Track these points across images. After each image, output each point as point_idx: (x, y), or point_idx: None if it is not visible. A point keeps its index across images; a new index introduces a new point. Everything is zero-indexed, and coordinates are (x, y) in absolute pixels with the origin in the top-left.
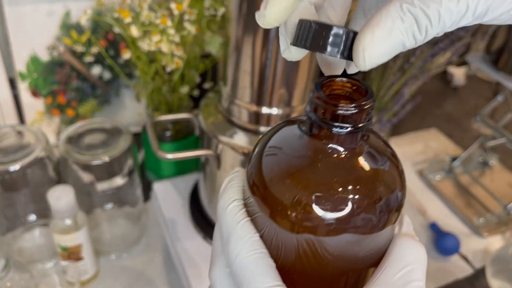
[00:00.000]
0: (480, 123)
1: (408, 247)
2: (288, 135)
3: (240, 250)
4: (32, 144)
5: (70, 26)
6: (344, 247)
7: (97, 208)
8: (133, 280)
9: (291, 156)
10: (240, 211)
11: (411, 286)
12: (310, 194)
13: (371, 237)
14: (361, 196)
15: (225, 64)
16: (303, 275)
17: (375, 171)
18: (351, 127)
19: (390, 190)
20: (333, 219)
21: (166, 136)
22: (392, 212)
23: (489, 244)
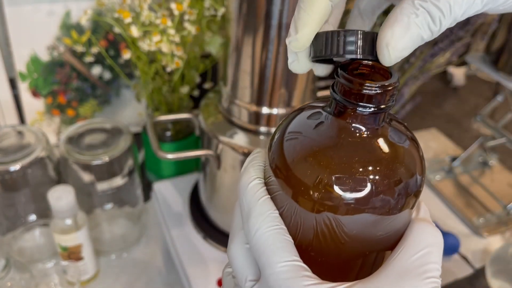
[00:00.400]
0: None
1: (425, 231)
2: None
3: (260, 225)
4: (32, 144)
5: (70, 26)
6: (361, 228)
7: (97, 208)
8: (133, 280)
9: (311, 139)
10: (261, 189)
11: (428, 268)
12: (331, 174)
13: (389, 218)
14: (381, 177)
15: (225, 64)
16: (320, 254)
17: (395, 154)
18: (374, 107)
19: (410, 174)
20: (352, 199)
21: (166, 136)
22: (410, 196)
23: (489, 244)
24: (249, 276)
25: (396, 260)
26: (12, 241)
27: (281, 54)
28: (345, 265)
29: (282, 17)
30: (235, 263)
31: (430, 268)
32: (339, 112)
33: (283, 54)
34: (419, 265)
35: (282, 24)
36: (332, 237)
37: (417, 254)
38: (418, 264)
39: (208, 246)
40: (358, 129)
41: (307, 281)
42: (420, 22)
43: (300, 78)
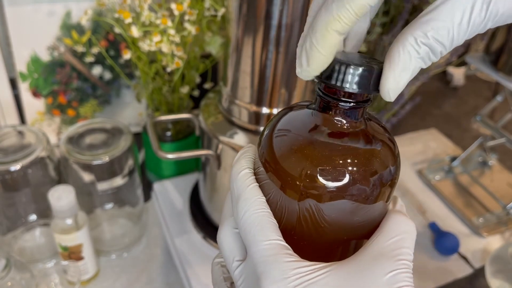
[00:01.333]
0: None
1: (399, 220)
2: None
3: (248, 208)
4: (33, 144)
5: (71, 27)
6: (340, 214)
7: (98, 208)
8: (134, 280)
9: (298, 134)
10: (251, 177)
11: (400, 251)
12: (315, 166)
13: (365, 207)
14: (358, 168)
15: (225, 65)
16: (302, 238)
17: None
18: (354, 102)
19: (384, 166)
20: (333, 187)
21: (167, 136)
22: (385, 186)
23: (489, 244)
24: (236, 257)
25: (371, 245)
26: (12, 241)
27: (281, 54)
28: (325, 250)
29: (282, 18)
30: (224, 246)
31: (403, 252)
32: (323, 107)
33: (283, 54)
34: (393, 249)
35: (282, 24)
36: (313, 222)
37: (391, 240)
38: (392, 248)
39: (208, 246)
40: (340, 122)
41: (289, 258)
42: (421, 58)
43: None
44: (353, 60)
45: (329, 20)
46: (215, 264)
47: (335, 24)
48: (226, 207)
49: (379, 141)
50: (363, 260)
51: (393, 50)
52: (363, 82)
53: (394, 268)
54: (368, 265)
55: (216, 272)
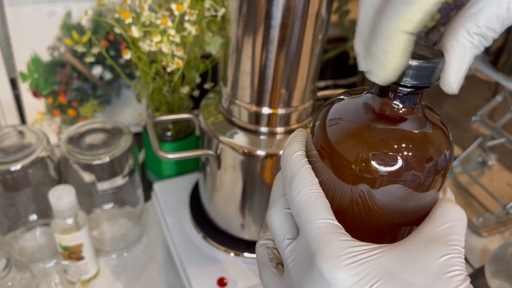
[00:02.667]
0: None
1: (451, 208)
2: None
3: (303, 187)
4: (33, 144)
5: (71, 27)
6: (392, 199)
7: (98, 208)
8: (134, 280)
9: (351, 121)
10: (304, 159)
11: (452, 237)
12: (369, 150)
13: (417, 194)
14: (412, 153)
15: (225, 65)
16: (354, 221)
17: (427, 134)
18: (413, 88)
19: (439, 153)
20: (386, 172)
21: (167, 136)
22: (438, 174)
23: (488, 243)
24: (287, 235)
25: (423, 230)
26: (13, 240)
27: (281, 54)
28: (375, 233)
29: (282, 18)
30: (274, 225)
31: (455, 238)
32: (382, 91)
33: (283, 54)
34: (444, 235)
35: (282, 24)
36: (365, 206)
37: (443, 226)
38: (443, 234)
39: (208, 246)
40: (397, 106)
41: (343, 237)
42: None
43: (300, 78)
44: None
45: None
46: (260, 245)
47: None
48: (276, 188)
49: (435, 128)
50: (415, 244)
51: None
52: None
53: (447, 252)
54: (421, 249)
55: (262, 253)
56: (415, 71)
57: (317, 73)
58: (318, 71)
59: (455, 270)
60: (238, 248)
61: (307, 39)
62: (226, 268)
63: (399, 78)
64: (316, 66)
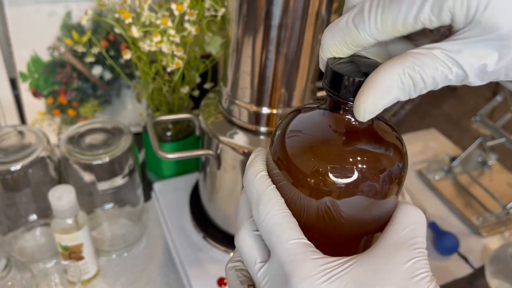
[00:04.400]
0: (479, 123)
1: (410, 211)
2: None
3: (270, 209)
4: (33, 144)
5: (71, 27)
6: (355, 210)
7: (98, 207)
8: (134, 280)
9: (308, 134)
10: (268, 179)
11: (415, 240)
12: (325, 164)
13: (377, 202)
14: (367, 165)
15: (225, 65)
16: (322, 236)
17: (380, 145)
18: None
19: (392, 163)
20: (343, 184)
21: (167, 136)
22: (393, 183)
23: (488, 243)
24: (258, 258)
25: (388, 236)
26: (13, 240)
27: (281, 54)
28: (344, 245)
29: (282, 18)
30: (244, 249)
31: (417, 241)
32: (333, 106)
33: (283, 54)
34: (408, 239)
35: (282, 24)
36: (331, 219)
37: (405, 230)
38: (407, 238)
39: (208, 246)
40: (349, 121)
41: (314, 255)
42: (402, 89)
43: (300, 78)
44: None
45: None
46: (230, 268)
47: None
48: (241, 210)
49: (387, 139)
50: (382, 251)
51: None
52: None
53: (412, 256)
54: (388, 255)
55: (232, 277)
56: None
57: (317, 73)
58: (318, 71)
59: (422, 273)
60: None
61: (307, 39)
62: None
63: (342, 93)
64: (316, 66)
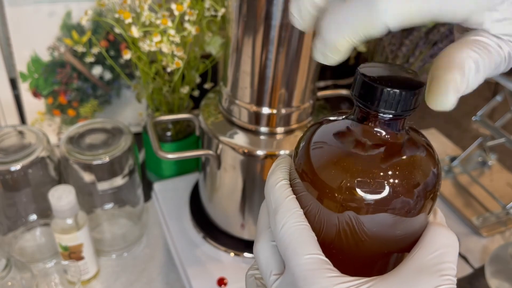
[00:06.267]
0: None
1: (441, 233)
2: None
3: (287, 220)
4: (33, 144)
5: (71, 27)
6: (380, 227)
7: (98, 207)
8: (134, 280)
9: (335, 146)
10: (288, 188)
11: (443, 266)
12: (353, 178)
13: (406, 219)
14: (399, 180)
15: (225, 65)
16: (341, 252)
17: (414, 158)
18: (394, 112)
19: (426, 177)
20: (372, 200)
21: (167, 136)
22: (427, 199)
23: (488, 243)
24: (273, 270)
25: (413, 259)
26: (13, 240)
27: (281, 54)
28: (364, 263)
29: (282, 18)
30: (261, 259)
31: (446, 267)
32: (362, 118)
33: (283, 54)
34: (435, 264)
35: (282, 24)
36: (353, 236)
37: (433, 254)
38: (434, 262)
39: (208, 246)
40: (379, 133)
41: (330, 273)
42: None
43: (300, 78)
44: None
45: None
46: (249, 276)
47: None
48: (262, 219)
49: (421, 152)
50: (405, 275)
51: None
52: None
53: (438, 284)
54: (412, 280)
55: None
56: (395, 99)
57: (317, 73)
58: (318, 71)
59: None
60: (238, 248)
61: (307, 39)
62: (226, 268)
63: (379, 106)
64: (316, 66)
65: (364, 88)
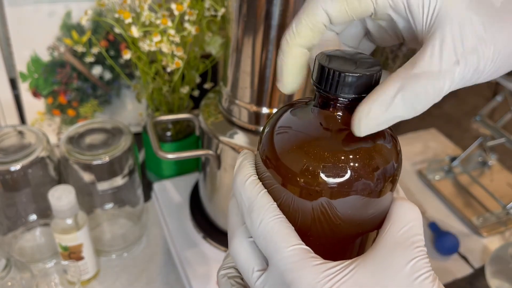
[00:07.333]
0: (479, 123)
1: (406, 208)
2: (292, 116)
3: (264, 216)
4: (33, 144)
5: (71, 27)
6: (351, 209)
7: (98, 208)
8: (134, 280)
9: (298, 131)
10: (258, 183)
11: (414, 239)
12: (317, 162)
13: (373, 201)
14: (360, 164)
15: (225, 65)
16: (319, 238)
17: (374, 142)
18: (353, 96)
19: (386, 161)
20: (336, 183)
21: (167, 136)
22: (387, 181)
23: (489, 243)
24: (255, 267)
25: (386, 236)
26: (12, 240)
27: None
28: (341, 247)
29: (282, 18)
30: (240, 258)
31: (416, 239)
32: (323, 103)
33: None
34: (407, 238)
35: (282, 24)
36: (327, 221)
37: (403, 229)
38: (406, 236)
39: (208, 246)
40: (340, 118)
41: (315, 261)
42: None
43: None
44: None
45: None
46: (222, 276)
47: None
48: (233, 217)
49: (380, 136)
50: (383, 252)
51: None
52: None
53: (413, 256)
54: (390, 257)
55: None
56: (352, 82)
57: None
58: None
59: (424, 273)
60: None
61: None
62: None
63: (337, 91)
64: None
65: (321, 73)
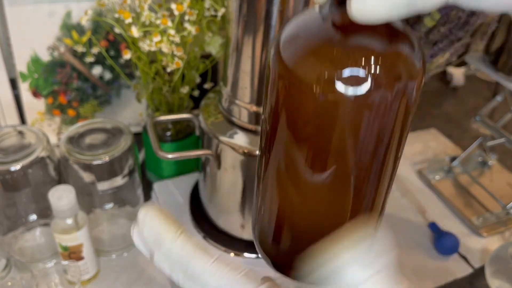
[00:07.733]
0: (479, 123)
1: None
2: (302, 20)
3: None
4: (33, 144)
5: (71, 27)
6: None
7: (98, 208)
8: (134, 280)
9: (311, 35)
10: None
11: None
12: (333, 68)
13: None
14: (381, 70)
15: (225, 65)
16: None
17: (397, 46)
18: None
19: (409, 74)
20: (354, 91)
21: (167, 136)
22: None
23: (488, 243)
24: None
25: None
26: (12, 240)
27: None
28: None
29: (282, 18)
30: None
31: None
32: (339, 4)
33: None
34: None
35: (282, 24)
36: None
37: None
38: None
39: (208, 246)
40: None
41: None
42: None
43: None
44: None
45: None
46: None
47: None
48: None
49: (405, 38)
50: None
51: None
52: None
53: None
54: None
55: None
56: None
57: None
58: None
59: None
60: (238, 248)
61: None
62: None
63: None
64: None
65: None
